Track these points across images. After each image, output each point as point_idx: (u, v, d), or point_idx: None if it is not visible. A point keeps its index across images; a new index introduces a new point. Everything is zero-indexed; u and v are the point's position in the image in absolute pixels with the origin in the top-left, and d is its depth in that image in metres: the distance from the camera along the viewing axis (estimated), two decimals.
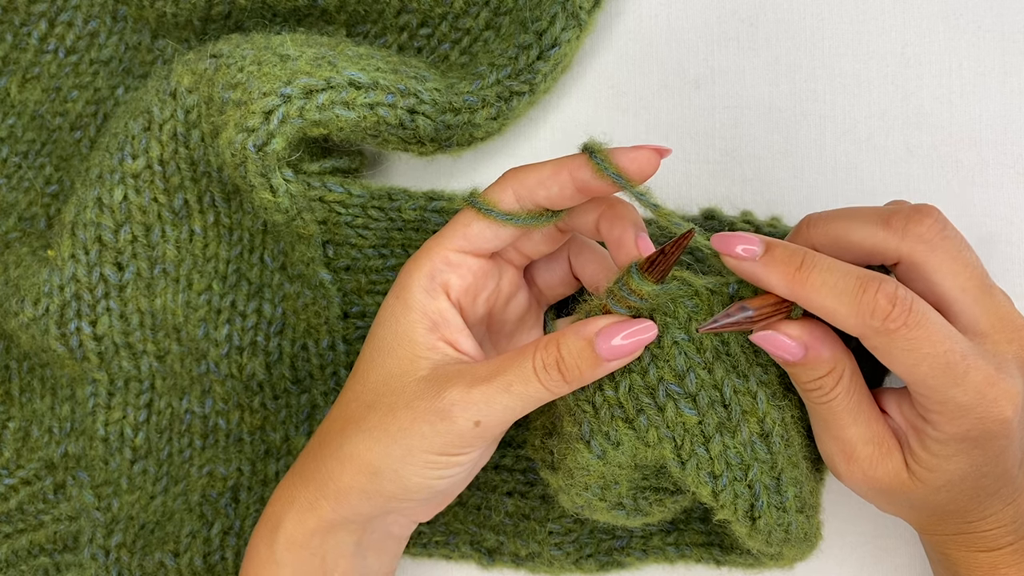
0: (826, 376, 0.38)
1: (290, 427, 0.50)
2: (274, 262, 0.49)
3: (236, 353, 0.50)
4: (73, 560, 0.50)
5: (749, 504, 0.39)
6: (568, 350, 0.38)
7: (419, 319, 0.41)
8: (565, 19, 0.47)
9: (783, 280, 0.37)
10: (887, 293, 0.36)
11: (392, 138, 0.46)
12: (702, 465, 0.39)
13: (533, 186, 0.40)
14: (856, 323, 0.36)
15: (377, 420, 0.40)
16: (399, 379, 0.40)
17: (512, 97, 0.47)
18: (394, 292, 0.42)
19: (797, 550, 0.42)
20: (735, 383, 0.39)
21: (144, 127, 0.47)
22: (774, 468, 0.39)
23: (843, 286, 0.36)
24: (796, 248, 0.38)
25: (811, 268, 0.37)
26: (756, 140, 0.49)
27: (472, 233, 0.41)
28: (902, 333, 0.36)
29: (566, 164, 0.40)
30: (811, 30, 0.49)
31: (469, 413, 0.38)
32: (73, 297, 0.48)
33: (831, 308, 0.36)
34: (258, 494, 0.50)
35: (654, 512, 0.42)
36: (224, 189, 0.48)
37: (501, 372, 0.39)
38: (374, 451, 0.40)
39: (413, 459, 0.39)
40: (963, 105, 0.48)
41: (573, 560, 0.49)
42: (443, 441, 0.39)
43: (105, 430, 0.50)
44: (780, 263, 0.37)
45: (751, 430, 0.39)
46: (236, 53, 0.46)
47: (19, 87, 0.54)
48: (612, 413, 0.39)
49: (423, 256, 0.42)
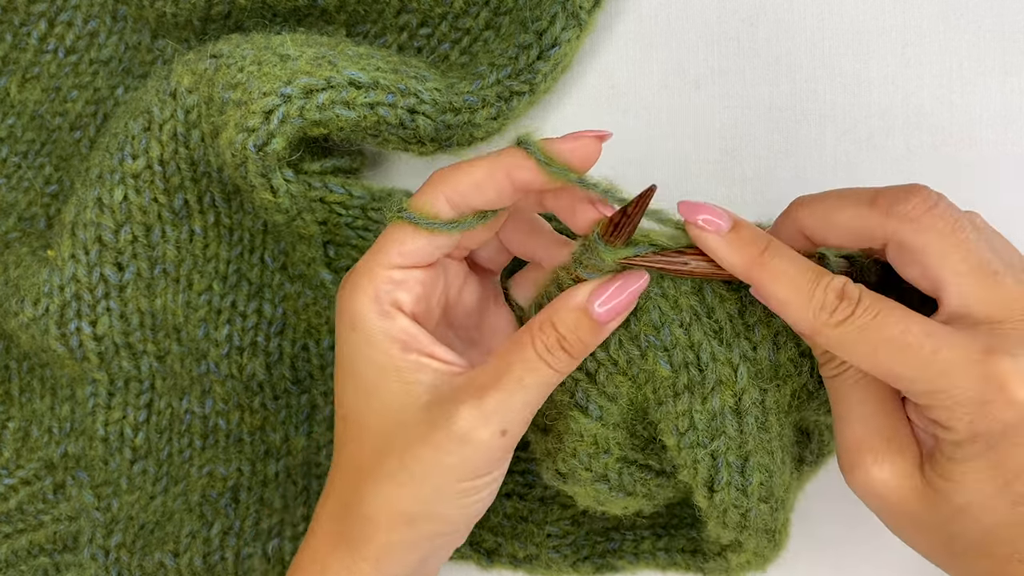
0: None
1: (290, 427, 0.50)
2: (275, 262, 0.49)
3: (236, 353, 0.50)
4: (73, 560, 0.50)
5: (709, 474, 0.39)
6: (566, 326, 0.37)
7: (389, 345, 0.38)
8: (565, 19, 0.47)
9: (742, 261, 0.36)
10: (835, 288, 0.35)
11: (392, 138, 0.46)
12: (669, 416, 0.39)
13: (467, 191, 0.37)
14: (806, 317, 0.35)
15: (395, 465, 0.37)
16: (400, 414, 0.37)
17: (512, 97, 0.47)
18: (346, 325, 0.38)
19: (756, 542, 0.41)
20: (714, 349, 0.38)
21: (144, 127, 0.47)
22: (742, 448, 0.39)
23: (799, 279, 0.36)
24: (762, 232, 0.37)
25: (774, 255, 0.36)
26: (756, 140, 0.49)
27: (408, 250, 0.38)
28: (850, 322, 0.34)
29: (501, 164, 0.37)
30: (811, 30, 0.49)
31: (492, 426, 0.36)
32: (73, 297, 0.48)
33: (784, 298, 0.36)
34: (258, 494, 0.50)
35: (636, 492, 0.42)
36: (224, 189, 0.48)
37: (506, 370, 0.37)
38: (404, 498, 0.37)
39: (447, 493, 0.37)
40: (963, 105, 0.48)
41: (570, 563, 0.49)
42: (473, 465, 0.37)
43: (105, 430, 0.50)
44: (745, 244, 0.37)
45: (723, 401, 0.38)
46: (236, 53, 0.46)
47: (19, 87, 0.54)
48: (609, 371, 0.39)
49: (363, 280, 0.38)
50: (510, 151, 0.37)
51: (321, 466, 0.49)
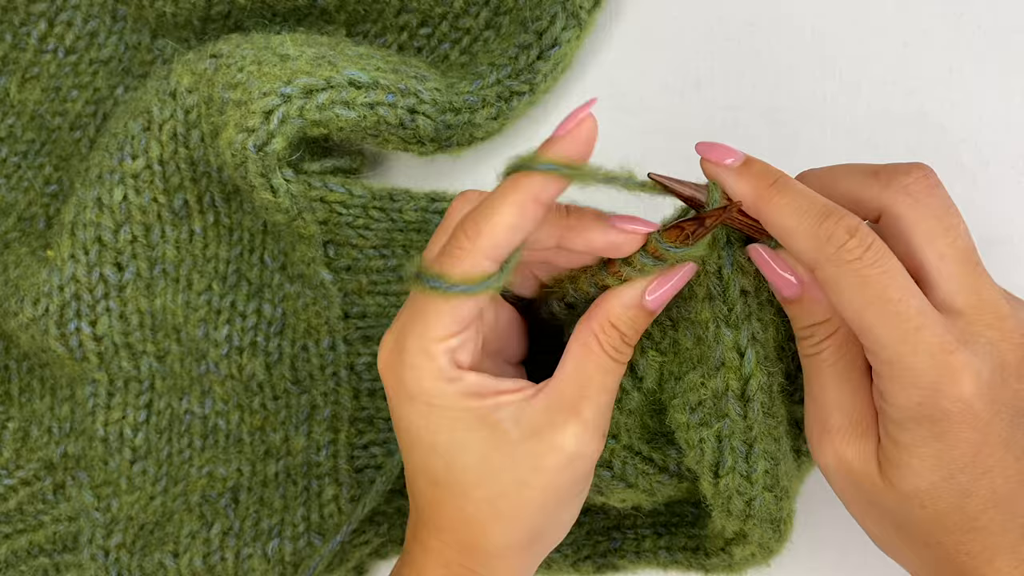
0: (819, 325, 0.37)
1: (290, 427, 0.50)
2: (274, 262, 0.49)
3: (236, 353, 0.50)
4: (72, 560, 0.50)
5: (714, 457, 0.39)
6: (625, 323, 0.38)
7: (468, 401, 0.37)
8: (565, 19, 0.47)
9: (751, 191, 0.36)
10: (848, 225, 0.34)
11: (392, 138, 0.46)
12: (678, 392, 0.40)
13: (506, 239, 0.36)
14: (810, 247, 0.35)
15: (513, 503, 0.37)
16: (500, 457, 0.37)
17: (512, 97, 0.47)
18: (418, 404, 0.37)
19: (761, 532, 0.41)
20: (722, 331, 0.38)
21: (144, 127, 0.47)
22: (747, 434, 0.39)
23: (808, 209, 0.35)
24: (773, 168, 0.37)
25: (783, 187, 0.36)
26: (756, 140, 0.49)
27: (463, 315, 0.36)
28: (854, 267, 0.34)
29: (527, 194, 0.35)
30: (811, 30, 0.49)
31: (597, 435, 0.38)
32: (73, 297, 0.48)
33: (790, 227, 0.35)
34: (258, 494, 0.50)
35: (637, 484, 0.42)
36: (224, 189, 0.48)
37: (588, 379, 0.37)
38: (529, 525, 0.38)
39: (566, 504, 0.39)
40: (963, 105, 0.48)
41: (571, 562, 0.49)
42: (585, 473, 0.38)
43: (105, 430, 0.50)
44: (754, 175, 0.37)
45: (728, 384, 0.39)
46: (236, 53, 0.46)
47: (18, 87, 0.54)
48: (643, 347, 0.40)
49: (421, 359, 0.37)
50: (524, 178, 0.36)
51: (321, 466, 0.49)
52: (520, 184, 0.35)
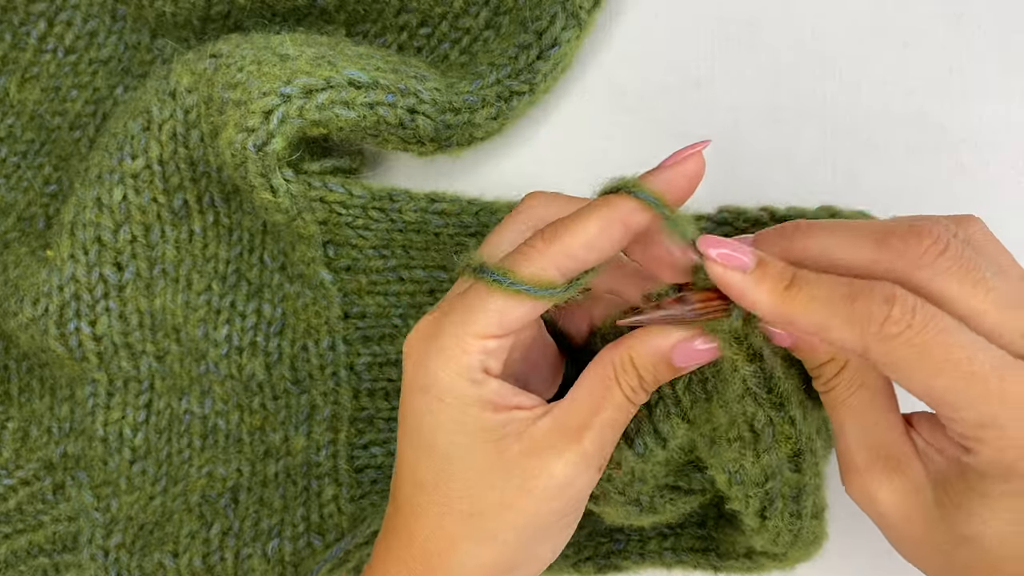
0: (824, 366, 0.35)
1: (290, 427, 0.50)
2: (274, 262, 0.49)
3: (236, 353, 0.50)
4: (72, 561, 0.50)
5: (762, 506, 0.38)
6: (647, 370, 0.36)
7: (482, 410, 0.35)
8: (565, 19, 0.47)
9: (770, 298, 0.33)
10: (883, 295, 0.31)
11: (392, 138, 0.46)
12: (722, 458, 0.38)
13: (580, 254, 0.34)
14: (851, 334, 0.31)
15: (494, 525, 0.36)
16: (493, 473, 0.36)
17: (512, 97, 0.47)
18: (432, 395, 0.36)
19: (803, 552, 0.42)
20: (772, 415, 0.36)
21: (143, 127, 0.47)
22: (799, 484, 0.38)
23: (834, 296, 0.32)
24: (786, 266, 0.34)
25: (800, 284, 0.33)
26: (756, 140, 0.49)
27: (508, 320, 0.35)
28: (905, 337, 0.31)
29: (617, 216, 0.34)
30: (811, 30, 0.49)
31: (591, 468, 0.36)
32: (72, 297, 0.48)
33: (823, 322, 0.32)
34: (257, 495, 0.50)
35: (666, 511, 0.42)
36: (224, 189, 0.48)
37: (596, 411, 0.36)
38: (506, 552, 0.36)
39: (549, 535, 0.37)
40: (963, 105, 0.48)
41: (572, 563, 0.49)
42: (574, 505, 0.37)
43: (104, 430, 0.50)
44: (770, 279, 0.33)
45: (782, 454, 0.37)
46: (236, 53, 0.46)
47: (18, 87, 0.54)
48: (669, 410, 0.38)
49: (455, 351, 0.35)
50: (617, 199, 0.34)
51: (321, 466, 0.49)
52: (611, 203, 0.34)
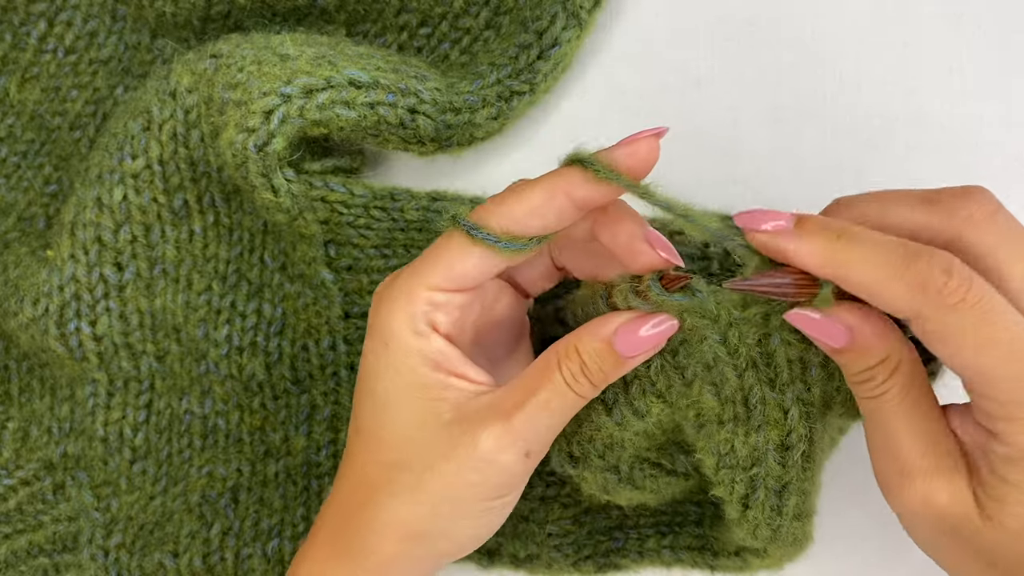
0: (877, 366, 0.33)
1: (290, 427, 0.50)
2: (274, 262, 0.49)
3: (236, 353, 0.50)
4: (72, 561, 0.50)
5: (745, 493, 0.39)
6: (588, 355, 0.36)
7: (420, 363, 0.37)
8: (565, 18, 0.47)
9: (820, 252, 0.32)
10: (942, 264, 0.30)
11: (392, 137, 0.46)
12: (710, 439, 0.38)
13: (523, 217, 0.36)
14: (906, 299, 0.31)
15: (413, 480, 0.37)
16: (422, 431, 0.37)
17: (512, 97, 0.47)
18: (378, 339, 0.37)
19: (784, 552, 0.42)
20: (765, 393, 0.37)
21: (144, 127, 0.47)
22: (782, 478, 0.38)
23: (889, 257, 0.31)
24: (831, 219, 0.33)
25: (852, 238, 0.32)
26: (756, 140, 0.49)
27: (455, 274, 0.37)
28: (961, 310, 0.30)
29: (559, 185, 0.35)
30: (811, 30, 0.49)
31: (517, 447, 0.36)
32: (72, 297, 0.48)
33: (875, 283, 0.31)
34: (257, 495, 0.50)
35: (644, 487, 0.42)
36: (224, 189, 0.48)
37: (533, 392, 0.36)
38: (418, 513, 0.37)
39: (465, 511, 0.37)
40: (963, 105, 0.49)
41: (571, 562, 0.49)
42: (493, 485, 0.36)
43: (104, 430, 0.50)
44: (816, 234, 0.32)
45: (769, 438, 0.37)
46: (236, 53, 0.46)
47: (18, 87, 0.54)
48: (644, 389, 0.38)
49: (401, 299, 0.37)
50: (565, 170, 0.36)
51: (321, 466, 0.49)
52: (559, 176, 0.35)
